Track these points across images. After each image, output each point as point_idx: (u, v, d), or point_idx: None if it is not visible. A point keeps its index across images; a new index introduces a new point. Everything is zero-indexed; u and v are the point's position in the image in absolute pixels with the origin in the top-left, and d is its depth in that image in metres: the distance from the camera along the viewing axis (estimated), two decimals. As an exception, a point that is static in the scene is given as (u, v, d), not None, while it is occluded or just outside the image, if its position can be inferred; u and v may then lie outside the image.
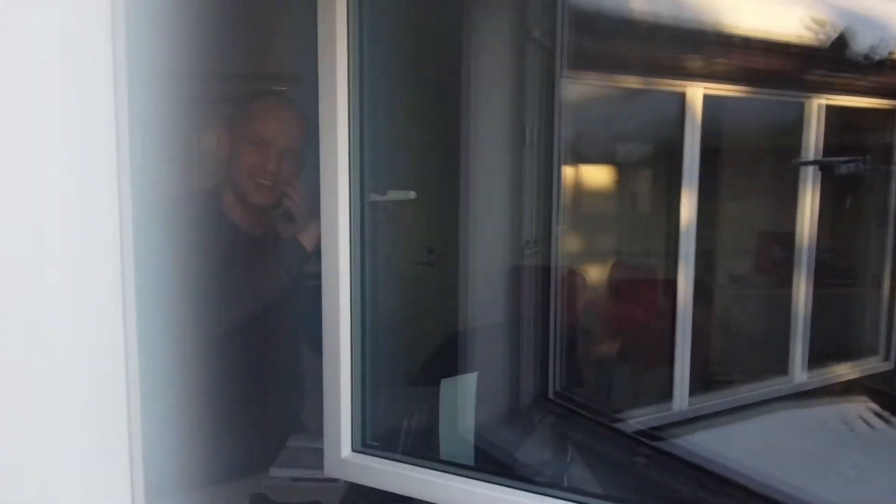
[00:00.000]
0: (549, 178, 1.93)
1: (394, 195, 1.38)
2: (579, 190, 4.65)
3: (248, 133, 1.81)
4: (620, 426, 3.53)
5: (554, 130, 1.90)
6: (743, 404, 4.11)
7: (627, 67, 3.46)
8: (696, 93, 3.75)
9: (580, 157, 4.64)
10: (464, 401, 1.58)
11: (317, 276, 1.32)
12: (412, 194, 1.32)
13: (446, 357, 1.87)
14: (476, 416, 1.64)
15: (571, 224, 4.97)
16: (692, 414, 3.97)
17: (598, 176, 5.03)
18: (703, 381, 4.24)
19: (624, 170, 4.99)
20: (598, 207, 5.04)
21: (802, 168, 4.08)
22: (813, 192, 4.22)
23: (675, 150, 3.87)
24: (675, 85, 3.70)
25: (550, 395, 2.00)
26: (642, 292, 4.47)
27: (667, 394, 3.91)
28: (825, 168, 4.04)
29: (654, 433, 3.71)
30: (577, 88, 3.59)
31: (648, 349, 4.22)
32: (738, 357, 4.55)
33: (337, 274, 1.23)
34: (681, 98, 3.73)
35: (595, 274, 4.20)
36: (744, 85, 3.91)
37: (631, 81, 3.66)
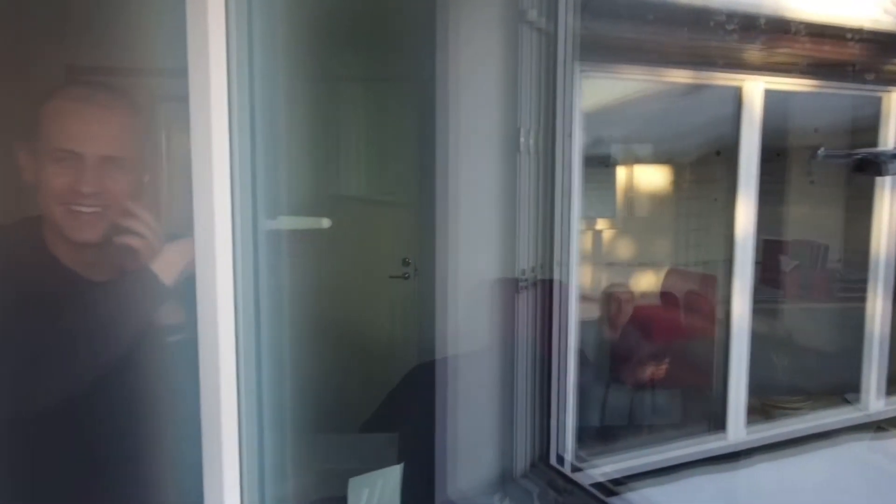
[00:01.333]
0: (549, 190, 1.58)
1: (291, 223, 1.05)
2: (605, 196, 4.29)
3: (48, 143, 1.26)
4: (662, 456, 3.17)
5: (556, 133, 1.54)
6: (809, 434, 3.67)
7: (663, 58, 3.06)
8: (755, 87, 3.31)
9: (604, 162, 4.25)
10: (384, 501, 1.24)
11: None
12: (325, 222, 0.99)
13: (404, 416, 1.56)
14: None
15: (599, 237, 4.60)
16: (749, 444, 3.55)
17: (633, 182, 4.65)
18: (761, 408, 3.81)
19: (664, 175, 4.59)
20: (635, 217, 4.65)
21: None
22: (893, 197, 3.72)
23: (727, 152, 3.44)
24: (729, 79, 3.27)
25: (552, 461, 1.64)
26: (688, 309, 4.06)
27: (718, 422, 3.49)
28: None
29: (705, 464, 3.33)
30: (599, 83, 3.21)
31: (695, 373, 3.79)
32: (804, 381, 4.08)
33: (215, 320, 0.91)
34: (736, 93, 3.30)
35: (630, 291, 3.82)
36: (811, 78, 3.44)
37: (670, 75, 3.25)
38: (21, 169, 1.29)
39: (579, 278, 4.37)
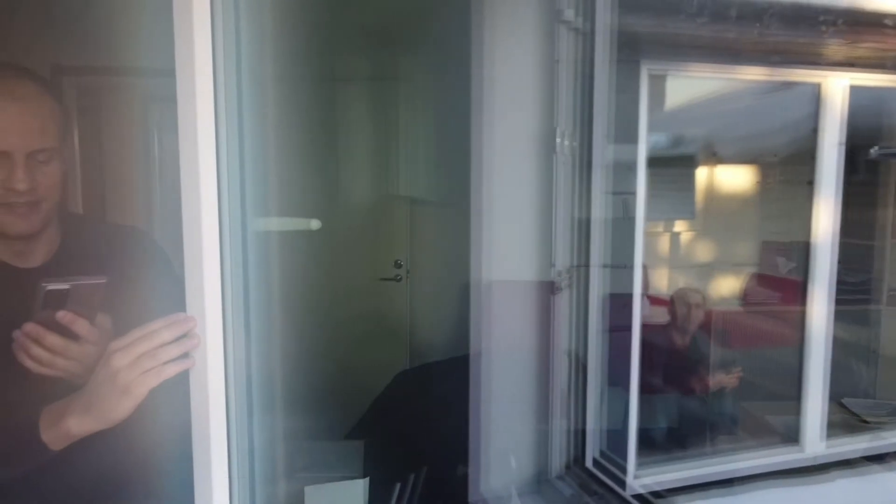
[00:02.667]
0: (586, 191, 1.56)
1: (282, 224, 1.07)
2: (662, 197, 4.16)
3: None
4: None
5: (594, 133, 1.52)
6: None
7: (736, 55, 2.93)
8: (836, 84, 3.13)
9: (681, 162, 4.13)
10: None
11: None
12: (315, 224, 0.99)
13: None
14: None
15: (658, 238, 4.46)
16: (828, 459, 3.35)
17: (713, 183, 4.49)
18: (842, 421, 3.59)
19: (744, 176, 4.41)
20: (715, 219, 4.50)
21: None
22: None
23: (801, 153, 3.27)
24: (806, 75, 3.10)
25: (588, 464, 1.61)
26: (766, 315, 3.88)
27: (791, 433, 3.31)
28: None
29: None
30: (672, 83, 3.12)
31: (769, 381, 3.63)
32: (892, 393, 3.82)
33: (203, 320, 0.94)
34: (814, 90, 3.13)
35: (702, 295, 3.69)
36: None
37: (744, 72, 3.11)
38: None
39: (653, 281, 4.27)
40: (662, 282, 4.38)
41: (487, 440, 1.51)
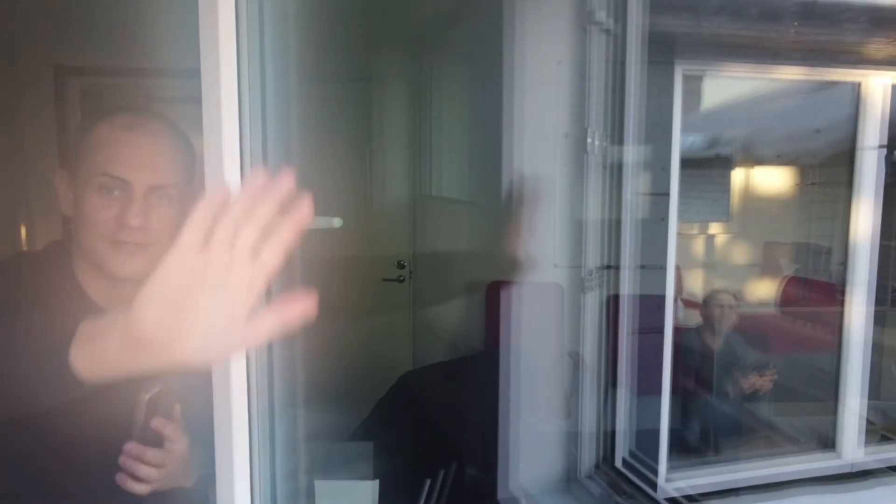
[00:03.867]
0: (617, 191, 1.55)
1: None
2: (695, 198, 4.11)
3: (92, 171, 1.12)
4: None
5: (625, 134, 1.51)
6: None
7: (772, 54, 2.88)
8: (877, 83, 3.06)
9: (716, 164, 4.07)
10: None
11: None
12: (337, 222, 0.98)
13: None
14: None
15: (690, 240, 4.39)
16: (865, 466, 3.27)
17: (748, 185, 4.43)
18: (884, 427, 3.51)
19: (781, 178, 4.34)
20: (751, 222, 4.44)
21: None
22: None
23: (840, 155, 3.20)
24: (846, 74, 3.04)
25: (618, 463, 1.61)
26: (802, 318, 3.82)
27: (829, 439, 3.24)
28: None
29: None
30: (707, 84, 3.08)
31: (805, 385, 3.56)
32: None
33: None
34: (853, 90, 3.06)
35: (735, 298, 3.63)
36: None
37: (781, 72, 3.06)
38: (59, 198, 1.19)
39: (687, 283, 4.22)
40: (696, 284, 4.32)
41: (517, 439, 1.52)
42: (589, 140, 1.51)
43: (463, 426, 1.60)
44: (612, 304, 1.85)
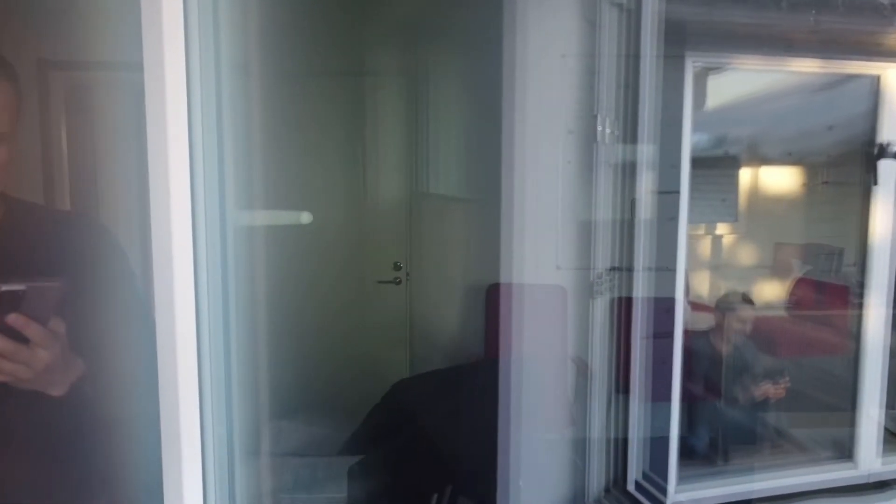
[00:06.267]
0: (630, 184, 1.40)
1: (266, 218, 0.93)
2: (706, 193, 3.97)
3: None
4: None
5: (638, 122, 1.36)
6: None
7: (784, 45, 2.73)
8: (897, 76, 2.90)
9: (723, 163, 3.93)
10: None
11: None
12: (305, 217, 0.86)
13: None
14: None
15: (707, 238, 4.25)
16: (883, 476, 3.12)
17: (757, 184, 4.30)
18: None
19: (791, 177, 4.20)
20: (759, 223, 4.29)
21: None
22: None
23: (854, 152, 3.05)
24: (864, 66, 2.88)
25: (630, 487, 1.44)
26: (815, 321, 3.67)
27: (846, 448, 3.09)
28: None
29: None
30: (716, 78, 2.93)
31: (819, 392, 3.41)
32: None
33: (173, 332, 0.79)
34: (872, 83, 2.91)
35: (746, 302, 3.49)
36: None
37: (794, 64, 2.91)
38: None
39: (694, 285, 4.07)
40: (704, 286, 4.19)
41: (517, 461, 1.36)
42: (599, 128, 1.36)
43: (460, 443, 1.45)
44: (622, 309, 1.70)
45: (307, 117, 3.12)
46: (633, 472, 1.49)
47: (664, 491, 1.58)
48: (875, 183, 2.88)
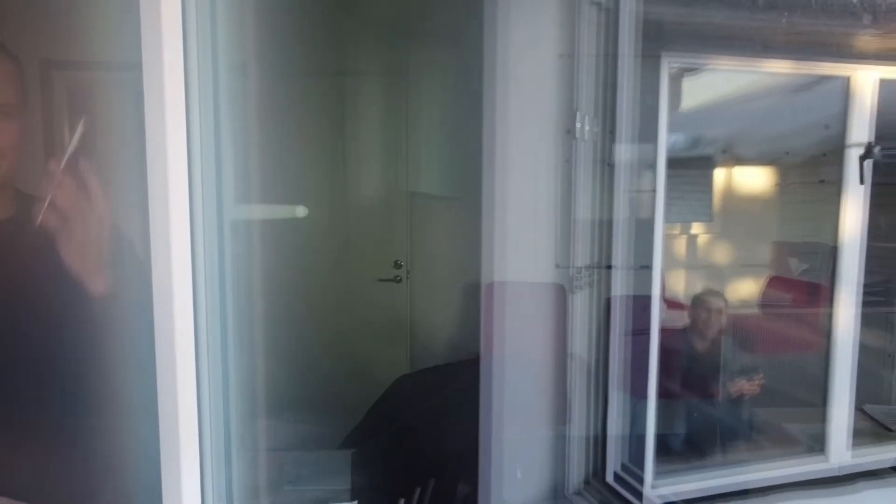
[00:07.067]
0: (608, 180, 1.42)
1: (263, 212, 0.94)
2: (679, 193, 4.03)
3: None
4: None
5: (616, 120, 1.38)
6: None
7: (757, 46, 2.78)
8: (866, 77, 2.97)
9: (697, 164, 3.99)
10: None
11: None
12: (301, 211, 0.87)
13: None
14: None
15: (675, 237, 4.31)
16: (854, 469, 3.19)
17: (731, 185, 4.36)
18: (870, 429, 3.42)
19: (764, 177, 4.27)
20: (733, 222, 4.36)
21: None
22: None
23: (825, 153, 3.11)
24: (835, 68, 2.94)
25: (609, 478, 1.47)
26: (787, 318, 3.73)
27: (818, 442, 3.15)
28: None
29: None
30: (689, 79, 2.97)
31: (792, 388, 3.48)
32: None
33: (171, 326, 0.80)
34: (842, 85, 2.97)
35: (722, 299, 3.55)
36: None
37: (766, 65, 2.96)
38: None
39: (669, 284, 4.11)
40: (679, 284, 4.25)
41: (499, 452, 1.37)
42: (578, 125, 1.38)
43: (454, 436, 1.46)
44: (602, 305, 1.72)
45: (305, 115, 3.11)
46: (612, 465, 1.51)
47: (642, 481, 1.61)
48: (861, 182, 2.94)
